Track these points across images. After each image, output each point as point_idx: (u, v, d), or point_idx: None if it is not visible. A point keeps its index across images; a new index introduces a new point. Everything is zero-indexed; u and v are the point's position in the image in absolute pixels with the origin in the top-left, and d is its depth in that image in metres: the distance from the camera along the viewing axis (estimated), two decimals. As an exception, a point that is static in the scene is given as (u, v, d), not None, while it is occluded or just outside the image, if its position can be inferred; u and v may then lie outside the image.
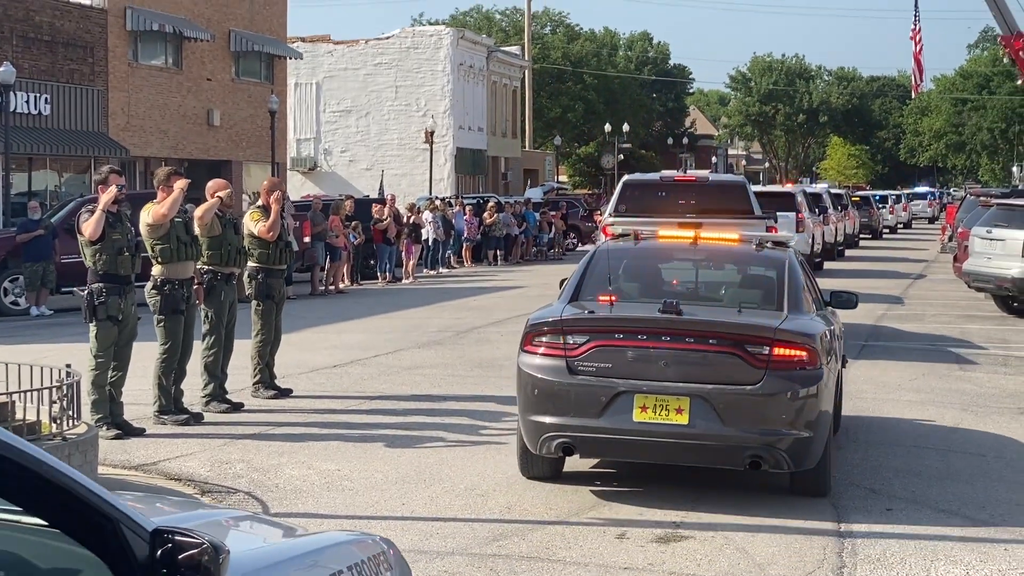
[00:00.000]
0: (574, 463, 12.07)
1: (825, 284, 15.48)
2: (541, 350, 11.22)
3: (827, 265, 44.80)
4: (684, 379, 10.83)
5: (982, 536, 10.24)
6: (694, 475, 11.84)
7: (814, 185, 69.00)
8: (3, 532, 4.39)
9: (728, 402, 10.75)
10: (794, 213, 38.43)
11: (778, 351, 10.93)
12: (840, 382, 12.92)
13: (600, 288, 12.09)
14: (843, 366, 13.37)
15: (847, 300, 14.23)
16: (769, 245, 13.44)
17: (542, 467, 11.80)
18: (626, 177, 25.34)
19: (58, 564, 4.32)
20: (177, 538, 3.99)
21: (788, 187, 49.86)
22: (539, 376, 11.14)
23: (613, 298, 11.80)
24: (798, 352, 10.99)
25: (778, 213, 35.87)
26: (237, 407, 15.20)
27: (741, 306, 11.97)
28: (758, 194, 40.78)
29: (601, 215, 28.44)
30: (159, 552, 3.98)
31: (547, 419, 11.04)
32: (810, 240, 39.42)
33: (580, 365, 11.04)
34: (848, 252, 53.75)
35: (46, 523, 4.15)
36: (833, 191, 56.60)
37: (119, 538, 3.99)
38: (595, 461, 12.36)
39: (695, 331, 11.06)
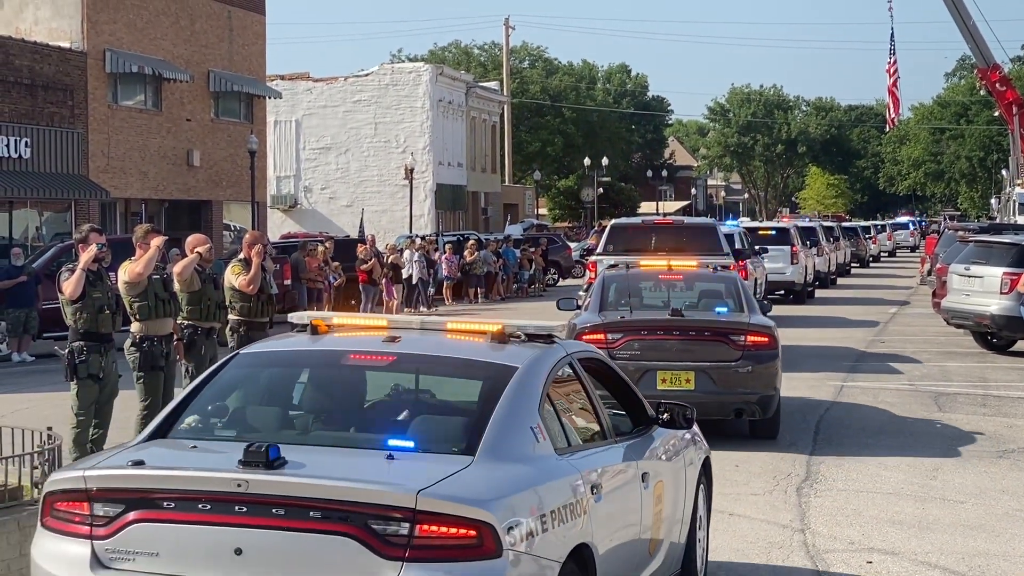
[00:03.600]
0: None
1: (817, 312, 17.75)
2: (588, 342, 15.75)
3: (819, 293, 46.31)
4: (689, 359, 16.05)
5: (961, 589, 10.31)
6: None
7: (805, 218, 71.24)
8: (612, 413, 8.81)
9: (719, 374, 15.97)
10: (789, 247, 40.63)
11: (750, 338, 16.40)
12: None
13: (616, 301, 17.85)
14: None
15: (762, 308, 19.05)
16: (719, 269, 19.61)
17: None
18: (613, 221, 30.57)
19: (614, 424, 8.62)
20: (670, 404, 9.20)
21: (783, 222, 51.28)
22: None
23: (630, 307, 17.36)
24: (763, 338, 16.48)
25: (774, 247, 38.71)
26: (218, 460, 15.16)
27: (717, 310, 17.69)
28: (755, 229, 43.63)
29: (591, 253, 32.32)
30: (658, 411, 9.10)
31: None
32: (803, 271, 41.50)
33: (618, 352, 15.76)
34: (840, 280, 56.53)
35: (619, 404, 9.09)
36: (825, 224, 59.90)
37: (643, 407, 9.12)
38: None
39: (695, 327, 16.67)
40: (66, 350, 13.41)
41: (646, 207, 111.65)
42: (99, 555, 6.70)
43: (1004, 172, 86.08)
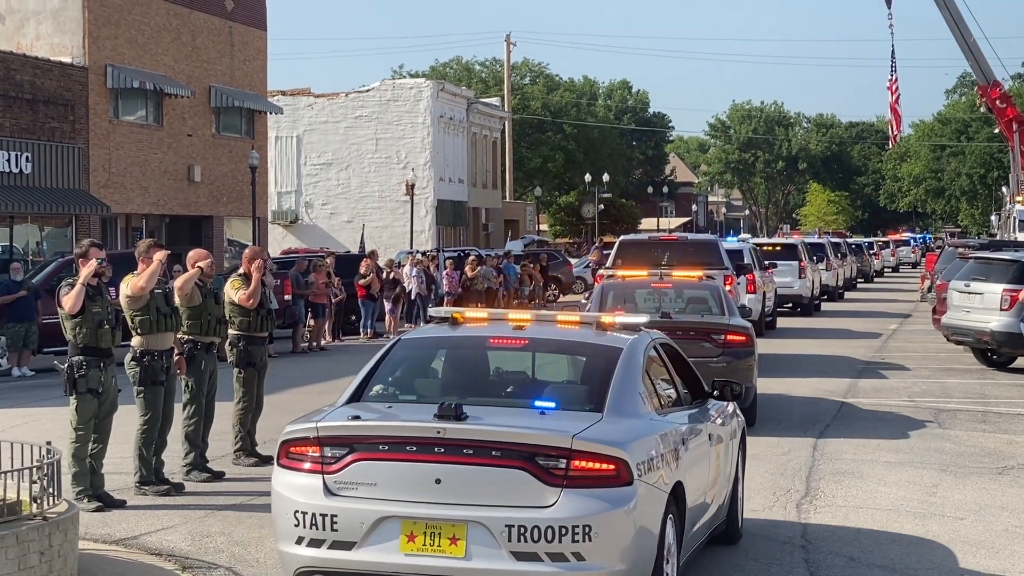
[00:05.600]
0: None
1: (822, 324, 18.13)
2: None
3: (826, 306, 47.91)
4: None
5: (960, 606, 10.29)
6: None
7: (813, 234, 72.63)
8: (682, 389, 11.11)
9: (702, 368, 17.31)
10: (797, 262, 42.08)
11: (729, 337, 18.82)
12: None
13: (612, 304, 19.97)
14: None
15: (744, 311, 22.28)
16: (705, 278, 22.29)
17: None
18: (622, 237, 32.37)
19: (681, 399, 10.87)
20: (720, 381, 11.48)
21: (792, 238, 52.47)
22: None
23: (623, 310, 18.46)
24: (740, 337, 18.92)
25: (783, 262, 40.11)
26: (218, 476, 15.19)
27: (702, 313, 20.41)
28: (765, 245, 45.37)
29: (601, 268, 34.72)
30: (712, 387, 11.33)
31: None
32: (810, 285, 42.99)
33: None
34: (847, 294, 58.30)
35: (682, 380, 11.11)
36: (832, 240, 61.66)
37: (700, 383, 11.42)
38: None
39: (681, 328, 18.34)
40: (66, 364, 13.40)
41: (647, 223, 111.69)
42: (328, 486, 8.88)
43: (1004, 189, 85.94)
